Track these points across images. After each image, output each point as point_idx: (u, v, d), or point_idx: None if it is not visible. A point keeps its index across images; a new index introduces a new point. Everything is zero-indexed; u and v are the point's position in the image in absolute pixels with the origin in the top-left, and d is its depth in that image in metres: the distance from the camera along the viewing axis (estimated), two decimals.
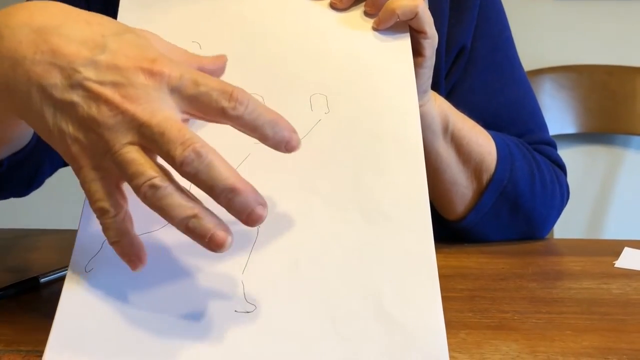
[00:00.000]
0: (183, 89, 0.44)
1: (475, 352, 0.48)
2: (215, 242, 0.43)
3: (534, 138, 0.89)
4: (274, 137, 0.45)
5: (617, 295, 0.60)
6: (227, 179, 0.43)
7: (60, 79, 0.44)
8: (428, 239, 0.52)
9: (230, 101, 0.44)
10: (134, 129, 0.43)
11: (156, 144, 0.43)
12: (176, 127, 0.43)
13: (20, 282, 0.62)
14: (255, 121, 0.44)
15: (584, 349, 0.49)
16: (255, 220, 0.44)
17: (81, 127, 0.44)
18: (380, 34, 0.62)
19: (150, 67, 0.44)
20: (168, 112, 0.44)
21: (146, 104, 0.43)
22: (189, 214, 0.43)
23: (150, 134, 0.43)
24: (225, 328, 0.48)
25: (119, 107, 0.43)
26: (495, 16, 0.90)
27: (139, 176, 0.43)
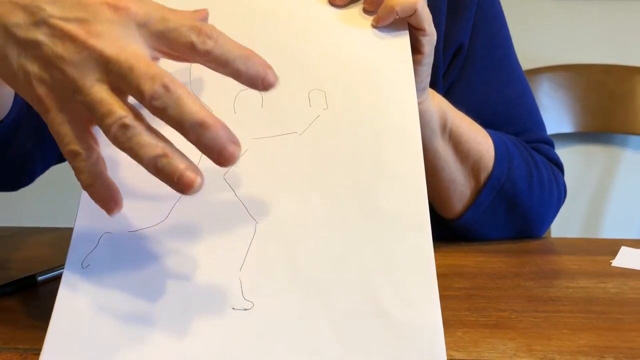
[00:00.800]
0: (151, 25, 0.43)
1: (473, 351, 0.48)
2: (184, 183, 0.42)
3: (532, 137, 0.89)
4: (246, 72, 0.43)
5: (614, 294, 0.60)
6: (197, 113, 0.41)
7: (23, 17, 0.43)
8: (427, 237, 0.52)
9: (200, 35, 0.43)
10: (101, 65, 0.42)
11: (124, 80, 0.41)
12: (144, 62, 0.41)
13: (18, 280, 0.62)
14: (225, 55, 0.43)
15: (581, 347, 0.49)
16: (227, 158, 0.42)
17: (47, 66, 0.43)
18: (379, 31, 0.62)
19: (116, 3, 0.43)
20: (136, 47, 0.42)
21: (113, 39, 0.42)
22: (159, 152, 0.41)
23: (118, 70, 0.42)
24: (222, 325, 0.48)
25: (85, 43, 0.42)
26: (493, 15, 0.90)
27: (108, 116, 0.41)
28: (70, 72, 0.42)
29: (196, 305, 0.49)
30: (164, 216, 0.53)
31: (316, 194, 0.53)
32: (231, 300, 0.49)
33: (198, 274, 0.50)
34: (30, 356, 0.47)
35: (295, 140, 0.56)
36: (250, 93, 0.57)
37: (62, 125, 0.44)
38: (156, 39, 0.43)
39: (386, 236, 0.52)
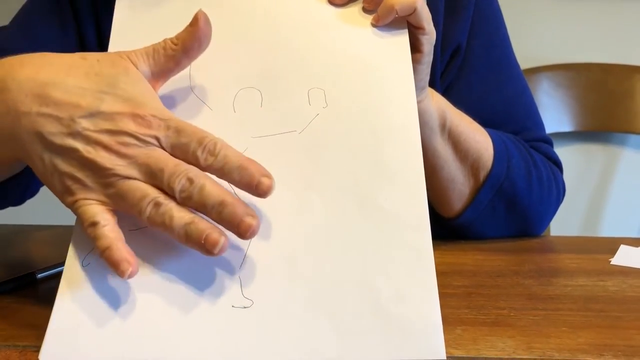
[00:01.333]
0: (167, 138, 0.49)
1: (472, 348, 0.48)
2: (210, 242, 0.47)
3: (531, 135, 0.89)
4: (240, 180, 0.49)
5: (613, 292, 0.60)
6: (217, 196, 0.48)
7: (60, 128, 0.50)
8: (426, 235, 0.52)
9: (203, 152, 0.49)
10: (134, 168, 0.49)
11: (157, 178, 0.49)
12: (172, 162, 0.49)
13: (17, 277, 0.62)
14: (222, 168, 0.49)
15: (580, 345, 0.49)
16: (245, 229, 0.47)
17: (82, 167, 0.49)
18: (378, 30, 0.62)
19: (141, 115, 0.49)
20: (159, 152, 0.49)
21: (140, 148, 0.49)
22: (186, 220, 0.48)
23: (151, 171, 0.49)
24: (222, 323, 0.48)
25: (117, 152, 0.49)
26: (491, 14, 0.90)
27: (143, 198, 0.48)
28: (103, 173, 0.49)
29: (196, 304, 0.49)
30: None
31: (315, 193, 0.53)
32: (231, 299, 0.49)
33: (198, 272, 0.50)
34: (30, 353, 0.47)
35: (295, 139, 0.56)
36: (249, 92, 0.58)
37: (86, 207, 0.50)
38: (170, 148, 0.50)
39: (385, 234, 0.52)
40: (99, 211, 0.49)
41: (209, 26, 0.54)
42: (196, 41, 0.53)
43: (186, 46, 0.53)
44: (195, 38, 0.53)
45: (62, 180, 0.50)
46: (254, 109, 0.57)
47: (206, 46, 0.54)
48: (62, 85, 0.50)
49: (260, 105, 0.57)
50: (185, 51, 0.54)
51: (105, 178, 0.49)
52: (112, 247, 0.48)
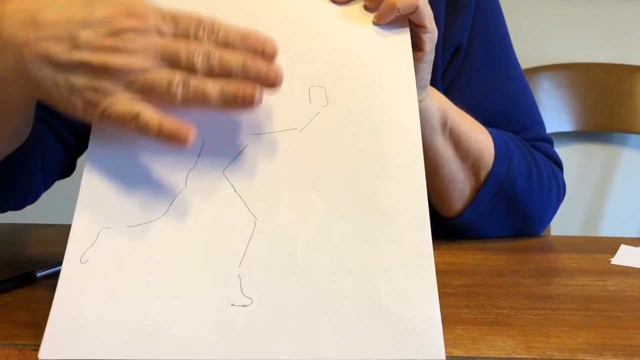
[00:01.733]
0: (167, 25, 0.51)
1: (471, 348, 0.48)
2: (248, 96, 0.50)
3: (531, 135, 0.89)
4: (246, 49, 0.52)
5: (613, 292, 0.60)
6: (238, 59, 0.50)
7: (63, 46, 0.50)
8: (426, 234, 0.52)
9: (204, 31, 0.51)
10: (149, 58, 0.50)
11: (174, 61, 0.50)
12: (182, 44, 0.50)
13: (17, 276, 0.62)
14: (226, 43, 0.52)
15: (580, 345, 0.49)
16: (273, 78, 0.51)
17: (98, 75, 0.50)
18: (380, 29, 0.62)
19: (135, 10, 0.50)
20: (165, 38, 0.51)
21: (145, 39, 0.50)
22: (219, 87, 0.50)
23: (166, 56, 0.50)
24: (221, 321, 0.48)
25: (126, 49, 0.49)
26: (491, 13, 0.90)
27: (171, 82, 0.50)
28: (121, 73, 0.50)
29: (195, 301, 0.49)
30: (163, 211, 0.53)
31: (316, 191, 0.53)
32: (230, 296, 0.49)
33: (197, 270, 0.50)
34: (29, 352, 0.47)
35: (295, 137, 0.56)
36: None
37: (115, 107, 0.50)
38: (172, 33, 0.51)
39: (385, 233, 0.52)
40: (132, 104, 0.50)
41: None
42: None
43: None
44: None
45: (83, 96, 0.51)
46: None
47: None
48: (50, 6, 0.51)
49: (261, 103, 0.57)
50: None
51: (125, 77, 0.50)
52: (163, 122, 0.49)
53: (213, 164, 0.54)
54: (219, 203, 0.53)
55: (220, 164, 0.54)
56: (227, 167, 0.54)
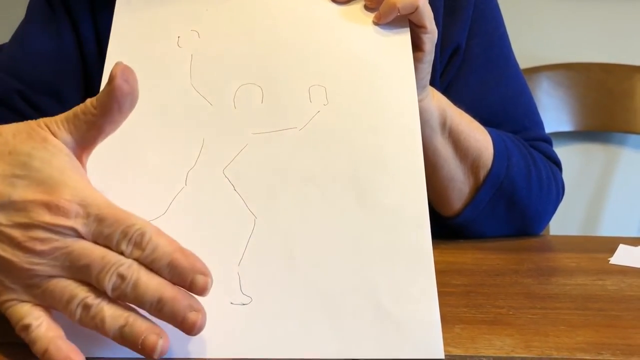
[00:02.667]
0: (87, 227, 0.44)
1: (470, 347, 0.48)
2: (148, 347, 0.43)
3: (530, 135, 0.89)
4: (171, 279, 0.44)
5: (612, 291, 0.60)
6: (154, 292, 0.43)
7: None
8: (425, 233, 0.52)
9: (128, 245, 0.44)
10: (56, 266, 0.44)
11: (84, 275, 0.44)
12: (98, 255, 0.44)
13: None
14: (152, 264, 0.44)
15: (578, 344, 0.49)
16: (189, 327, 0.43)
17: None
18: (380, 28, 0.62)
19: (55, 203, 0.44)
20: (81, 243, 0.44)
21: (57, 241, 0.44)
22: (121, 323, 0.43)
23: (75, 268, 0.44)
24: (220, 320, 0.48)
25: (33, 250, 0.44)
26: (490, 14, 0.90)
27: (72, 300, 0.44)
28: (22, 274, 0.44)
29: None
30: (163, 210, 0.53)
31: (315, 190, 0.53)
32: (229, 295, 0.49)
33: None
34: (29, 350, 0.47)
35: (295, 136, 0.56)
36: (250, 88, 0.58)
37: (13, 308, 0.45)
38: (92, 236, 0.44)
39: (385, 232, 0.52)
40: (28, 312, 0.45)
41: (129, 83, 0.46)
42: (115, 103, 0.46)
43: (105, 110, 0.46)
44: (115, 99, 0.46)
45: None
46: (255, 105, 0.57)
47: (130, 108, 0.47)
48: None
49: (260, 102, 0.57)
50: (105, 115, 0.46)
51: (26, 279, 0.44)
52: (49, 349, 0.43)
53: (213, 163, 0.55)
54: (218, 202, 0.53)
55: (220, 163, 0.54)
56: (227, 166, 0.54)
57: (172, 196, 0.53)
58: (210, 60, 0.59)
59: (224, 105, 0.57)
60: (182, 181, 0.54)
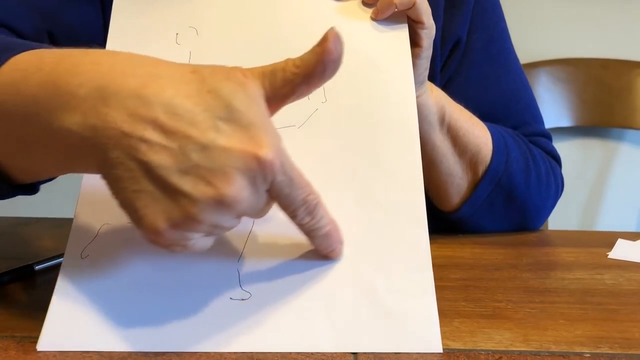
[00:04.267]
0: (279, 185, 0.44)
1: (469, 341, 0.48)
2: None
3: (529, 130, 0.89)
4: (319, 245, 0.50)
5: (610, 285, 0.60)
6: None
7: (169, 161, 0.42)
8: (422, 228, 0.52)
9: (304, 212, 0.47)
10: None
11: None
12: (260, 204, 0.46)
13: (15, 269, 0.62)
14: (313, 231, 0.48)
15: (577, 337, 0.49)
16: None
17: (185, 208, 0.42)
18: (378, 24, 0.62)
19: (259, 155, 0.42)
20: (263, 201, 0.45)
21: (252, 195, 0.43)
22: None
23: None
24: (220, 315, 0.48)
25: (228, 199, 0.42)
26: (491, 8, 0.90)
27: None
28: (205, 217, 0.43)
29: (194, 296, 0.49)
30: None
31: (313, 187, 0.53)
32: (229, 291, 0.49)
33: (196, 265, 0.50)
34: (28, 344, 0.47)
35: (294, 133, 0.56)
36: None
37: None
38: (277, 194, 0.45)
39: (383, 228, 0.52)
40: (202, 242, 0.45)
41: (339, 48, 0.46)
42: (320, 65, 0.46)
43: (308, 70, 0.46)
44: (320, 61, 0.45)
45: (154, 211, 0.43)
46: None
47: (331, 74, 0.47)
48: (171, 107, 0.42)
49: None
50: (307, 76, 0.46)
51: (213, 226, 0.44)
52: None
53: None
54: None
55: None
56: None
57: None
58: (208, 58, 0.59)
59: None
60: None
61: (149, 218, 0.43)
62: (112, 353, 0.46)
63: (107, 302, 0.49)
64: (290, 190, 0.45)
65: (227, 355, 0.46)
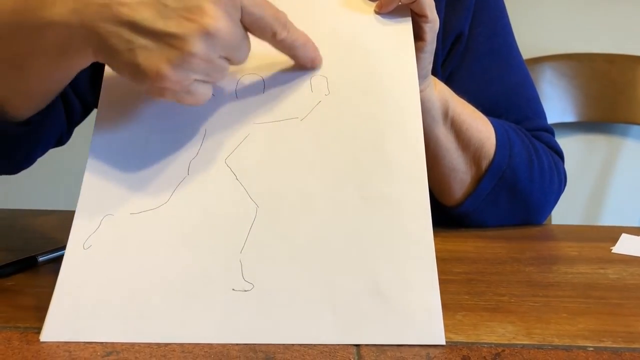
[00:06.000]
0: (248, 8, 0.51)
1: (472, 334, 0.48)
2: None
3: (532, 125, 0.89)
4: (303, 55, 0.56)
5: (614, 280, 0.60)
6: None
7: (152, 13, 0.49)
8: (426, 222, 0.52)
9: (280, 27, 0.53)
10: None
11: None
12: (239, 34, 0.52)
13: (18, 260, 0.62)
14: (292, 43, 0.55)
15: (580, 331, 0.49)
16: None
17: (177, 47, 0.49)
18: (381, 18, 0.62)
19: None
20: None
21: (229, 23, 0.50)
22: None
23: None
24: (222, 306, 0.48)
25: (211, 28, 0.49)
26: (493, 2, 0.90)
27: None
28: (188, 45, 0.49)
29: (197, 286, 0.49)
30: (166, 199, 0.53)
31: (317, 180, 0.53)
32: (231, 282, 0.49)
33: (199, 256, 0.51)
34: (31, 334, 0.48)
35: (297, 126, 0.56)
36: (252, 78, 0.58)
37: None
38: (250, 20, 0.51)
39: (386, 221, 0.52)
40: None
41: None
42: None
43: None
44: None
45: (149, 58, 0.49)
46: (257, 95, 0.57)
47: None
48: None
49: (262, 92, 0.57)
50: None
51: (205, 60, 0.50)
52: None
53: (215, 153, 0.55)
54: (221, 191, 0.53)
55: (222, 152, 0.55)
56: (229, 155, 0.54)
57: (175, 185, 0.53)
58: None
59: (226, 95, 0.57)
60: (184, 170, 0.54)
61: (151, 66, 0.49)
62: (115, 344, 0.46)
63: (110, 293, 0.49)
64: (261, 12, 0.51)
65: (229, 347, 0.46)
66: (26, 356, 0.45)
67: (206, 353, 0.45)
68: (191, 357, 0.45)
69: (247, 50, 0.53)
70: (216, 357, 0.45)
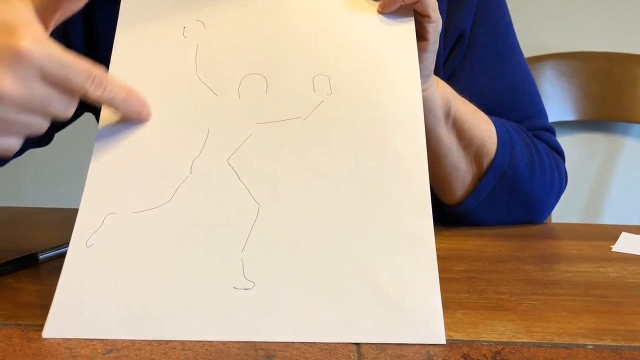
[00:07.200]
0: (51, 70, 0.48)
1: (472, 332, 0.48)
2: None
3: (533, 124, 0.89)
4: (125, 110, 0.54)
5: (614, 278, 0.60)
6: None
7: None
8: (427, 221, 0.52)
9: (92, 84, 0.50)
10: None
11: None
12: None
13: (19, 258, 0.63)
14: (111, 100, 0.52)
15: (580, 329, 0.49)
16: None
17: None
18: (384, 18, 0.62)
19: (15, 45, 0.47)
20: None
21: (20, 85, 0.48)
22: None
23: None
24: (223, 304, 0.48)
25: None
26: (494, 2, 0.90)
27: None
28: None
29: (198, 285, 0.49)
30: (168, 198, 0.53)
31: (319, 179, 0.54)
32: (233, 280, 0.49)
33: (200, 255, 0.51)
34: (32, 332, 0.48)
35: (299, 125, 0.56)
36: (254, 78, 0.58)
37: None
38: (53, 79, 0.49)
39: (387, 220, 0.52)
40: None
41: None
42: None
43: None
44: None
45: None
46: (259, 95, 0.57)
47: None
48: None
49: (265, 92, 0.57)
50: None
51: None
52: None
53: (217, 153, 0.55)
54: (223, 190, 0.53)
55: (225, 152, 0.55)
56: (232, 155, 0.55)
57: (177, 184, 0.54)
58: (215, 51, 0.59)
59: (228, 95, 0.57)
60: (187, 170, 0.54)
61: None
62: (116, 341, 0.47)
63: (112, 291, 0.49)
64: (66, 72, 0.49)
65: (230, 344, 0.46)
66: (27, 353, 0.45)
67: (207, 350, 0.45)
68: (192, 354, 0.45)
69: (66, 105, 0.51)
70: (217, 355, 0.45)
